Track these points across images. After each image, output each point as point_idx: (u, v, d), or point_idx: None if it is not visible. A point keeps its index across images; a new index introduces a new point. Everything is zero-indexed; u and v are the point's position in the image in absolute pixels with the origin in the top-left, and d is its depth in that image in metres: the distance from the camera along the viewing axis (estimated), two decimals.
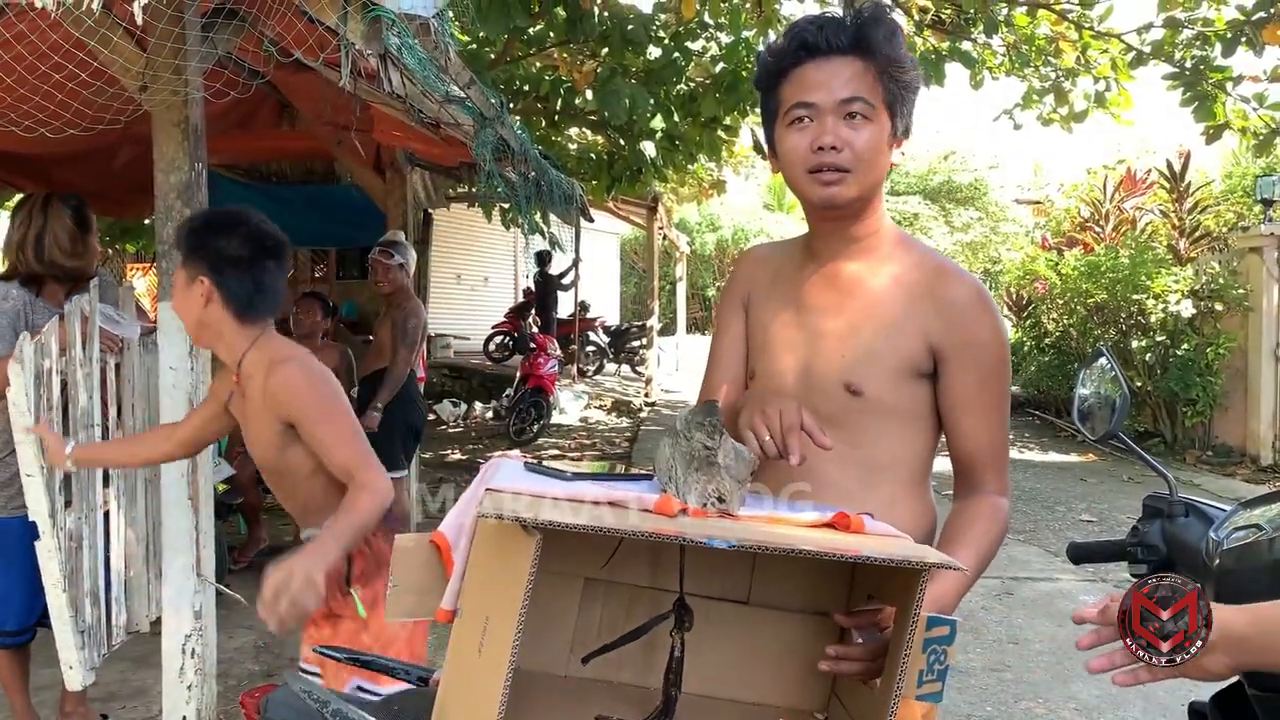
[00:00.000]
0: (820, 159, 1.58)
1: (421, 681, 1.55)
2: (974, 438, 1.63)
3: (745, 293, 1.82)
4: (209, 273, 2.12)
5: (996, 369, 1.64)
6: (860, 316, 1.65)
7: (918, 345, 1.62)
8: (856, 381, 1.62)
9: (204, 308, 2.13)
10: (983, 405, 1.63)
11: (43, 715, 3.25)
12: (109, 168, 4.80)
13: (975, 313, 1.62)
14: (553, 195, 5.34)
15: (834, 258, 1.69)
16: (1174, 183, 10.81)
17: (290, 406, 2.09)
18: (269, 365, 2.12)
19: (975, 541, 1.56)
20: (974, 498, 1.63)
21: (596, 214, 11.17)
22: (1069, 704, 3.96)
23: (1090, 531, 6.85)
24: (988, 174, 26.41)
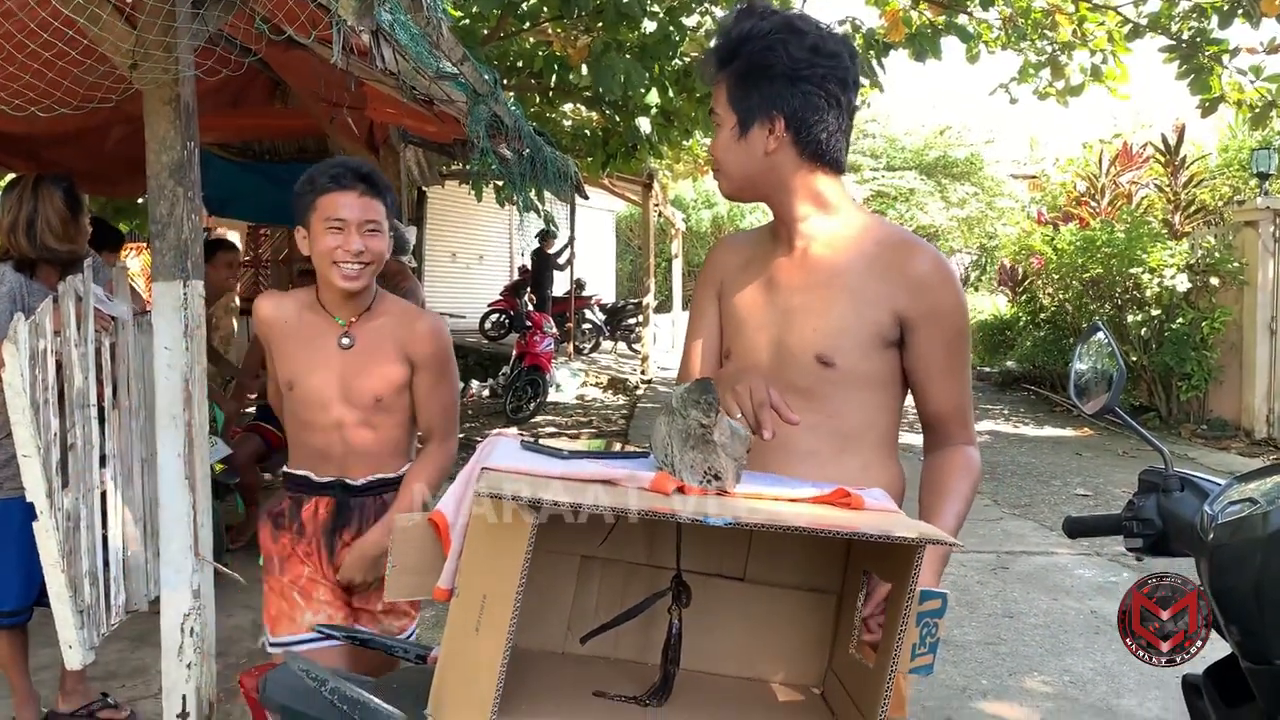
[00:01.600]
0: (712, 166, 1.85)
1: (420, 659, 1.56)
2: (943, 399, 1.75)
3: (719, 280, 1.93)
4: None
5: (960, 333, 1.75)
6: (829, 291, 1.74)
7: (885, 316, 1.71)
8: (828, 353, 1.71)
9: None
10: (950, 368, 1.74)
11: (43, 694, 3.26)
12: (101, 147, 4.77)
13: (938, 283, 1.72)
14: (547, 172, 5.32)
15: (795, 237, 1.80)
16: (1169, 156, 10.79)
17: (428, 354, 2.30)
18: (413, 311, 2.38)
19: (958, 492, 1.69)
20: (946, 451, 1.76)
21: (591, 191, 11.14)
22: (1063, 677, 3.99)
23: (1085, 505, 6.87)
24: (983, 149, 26.30)
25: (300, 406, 2.30)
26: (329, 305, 2.31)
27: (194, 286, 3.03)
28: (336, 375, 2.28)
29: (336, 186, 2.22)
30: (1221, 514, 1.41)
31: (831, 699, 1.38)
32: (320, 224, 2.23)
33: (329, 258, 2.22)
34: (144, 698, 3.41)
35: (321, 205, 2.23)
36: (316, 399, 2.28)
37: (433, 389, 2.34)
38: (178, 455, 3.00)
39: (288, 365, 2.31)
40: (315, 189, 2.24)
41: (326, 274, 2.24)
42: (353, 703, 1.26)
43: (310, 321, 2.32)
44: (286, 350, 2.31)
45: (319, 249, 2.23)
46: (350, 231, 2.21)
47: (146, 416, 3.38)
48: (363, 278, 2.24)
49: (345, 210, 2.21)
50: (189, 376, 3.01)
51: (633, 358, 15.72)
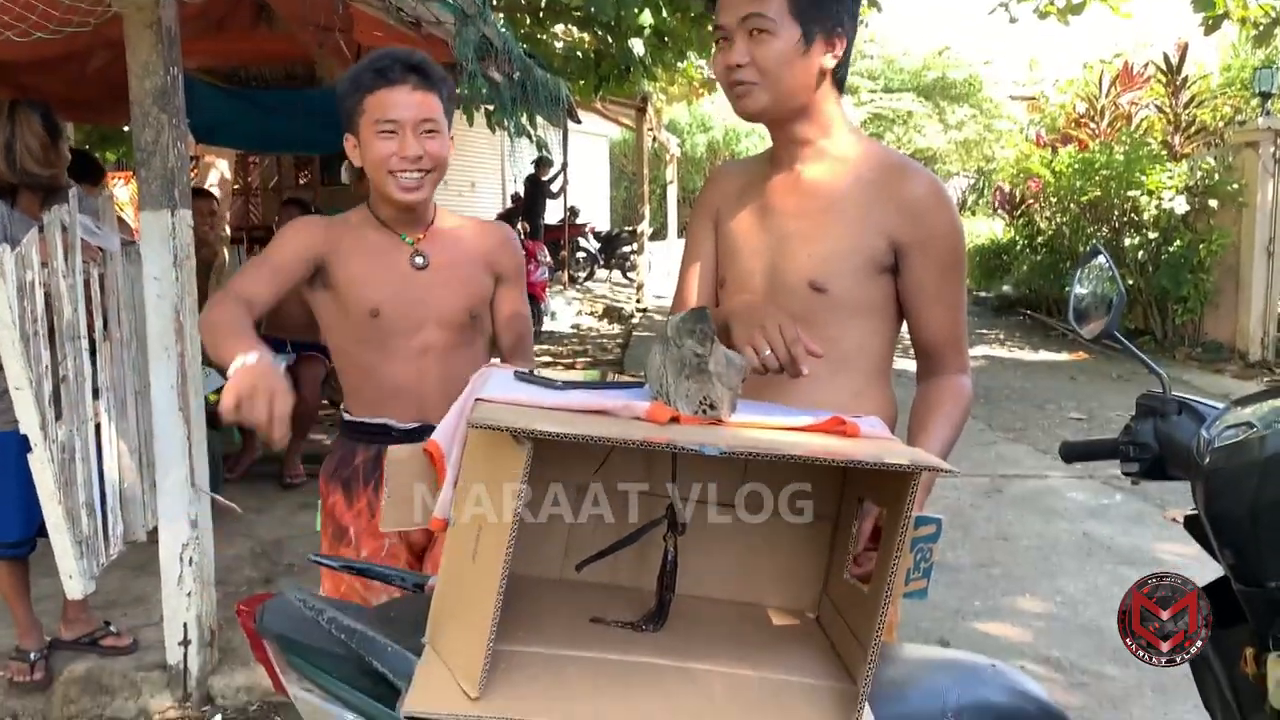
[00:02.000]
0: (731, 75, 1.69)
1: (417, 588, 1.56)
2: (937, 325, 1.74)
3: (714, 208, 1.90)
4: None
5: (955, 259, 1.73)
6: (824, 217, 1.72)
7: (879, 241, 1.69)
8: (821, 279, 1.70)
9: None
10: (943, 294, 1.73)
11: (46, 624, 3.30)
12: (82, 73, 4.66)
13: (934, 208, 1.70)
14: (539, 96, 5.22)
15: (793, 162, 1.77)
16: (1170, 76, 10.63)
17: (512, 265, 2.15)
18: (483, 222, 2.23)
19: (948, 417, 1.70)
20: (939, 378, 1.75)
21: (584, 116, 10.97)
22: (1056, 598, 4.05)
23: (1079, 429, 6.91)
24: (982, 70, 25.95)
25: (386, 334, 2.00)
26: (390, 222, 2.05)
27: (182, 215, 3.00)
28: (424, 294, 2.02)
29: (384, 83, 1.94)
30: (1218, 438, 1.40)
31: (826, 624, 1.39)
32: (370, 129, 1.95)
33: (383, 167, 1.95)
34: (146, 625, 3.44)
35: (370, 106, 1.95)
36: (405, 323, 2.00)
37: (517, 301, 2.18)
38: (171, 386, 3.00)
39: (366, 288, 2.00)
40: (360, 87, 1.96)
41: (382, 187, 1.98)
42: (350, 631, 1.27)
43: (377, 239, 2.04)
44: (357, 272, 2.00)
45: (371, 158, 1.97)
46: (405, 134, 1.93)
47: (138, 348, 3.36)
48: (424, 188, 1.98)
49: (397, 110, 1.94)
50: (180, 307, 2.99)
51: (628, 286, 15.67)
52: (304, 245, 2.00)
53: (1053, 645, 3.61)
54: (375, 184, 1.99)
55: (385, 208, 2.03)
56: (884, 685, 1.22)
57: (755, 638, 1.35)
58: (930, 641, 3.45)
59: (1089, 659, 3.49)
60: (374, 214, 2.06)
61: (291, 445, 5.40)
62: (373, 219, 2.05)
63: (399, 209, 2.01)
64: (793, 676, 1.23)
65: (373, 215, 2.06)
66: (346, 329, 2.03)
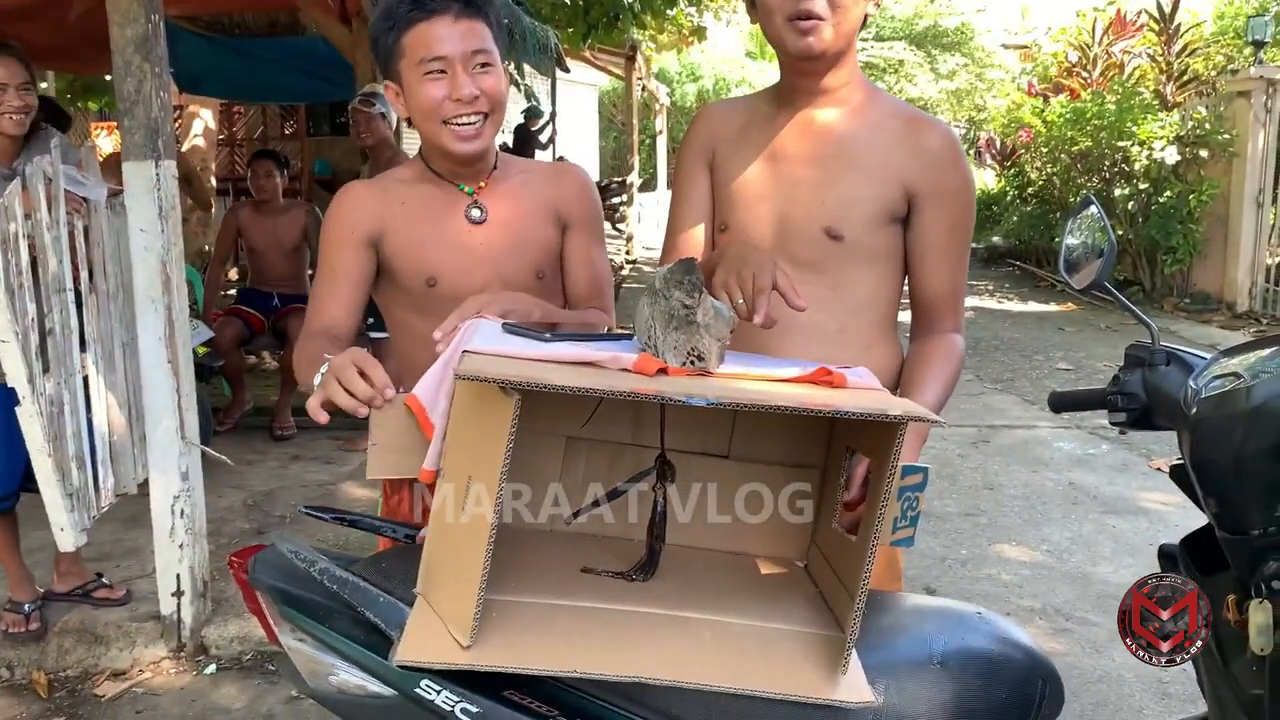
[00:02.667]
0: (798, 6, 1.60)
1: (409, 539, 1.57)
2: (939, 280, 1.73)
3: (709, 149, 1.82)
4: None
5: (964, 215, 1.72)
6: (839, 163, 1.68)
7: (894, 190, 1.68)
8: (837, 226, 1.67)
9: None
10: (950, 249, 1.72)
11: (39, 575, 3.31)
12: (63, 21, 4.60)
13: (948, 160, 1.69)
14: (527, 44, 5.17)
15: (808, 107, 1.72)
16: (1163, 24, 10.54)
17: (585, 211, 1.87)
18: (551, 165, 1.98)
19: (940, 375, 1.68)
20: (932, 336, 1.74)
21: (573, 65, 10.85)
22: (1041, 546, 4.09)
23: (1067, 380, 6.95)
24: (974, 18, 25.69)
25: (446, 303, 1.65)
26: (447, 174, 1.79)
27: (166, 166, 2.97)
28: (483, 254, 1.77)
29: (423, 14, 1.66)
30: (1205, 388, 1.41)
31: (815, 572, 1.41)
32: (414, 71, 1.68)
33: (435, 115, 1.68)
34: (139, 577, 3.46)
35: (410, 45, 1.67)
36: (466, 289, 1.72)
37: (593, 252, 1.88)
38: (159, 339, 2.99)
39: (423, 256, 1.75)
40: (396, 24, 1.69)
41: (436, 138, 1.71)
42: (342, 582, 1.27)
43: (431, 195, 1.79)
44: (415, 238, 1.76)
45: (419, 104, 1.69)
46: (457, 72, 1.66)
47: (125, 300, 3.34)
48: (485, 134, 1.71)
49: (443, 44, 1.66)
50: (166, 258, 2.97)
51: (617, 237, 15.59)
52: (356, 234, 1.75)
53: (1038, 593, 3.65)
54: (427, 136, 1.74)
55: (441, 159, 1.78)
56: (871, 633, 1.23)
57: (744, 587, 1.36)
58: (916, 589, 3.49)
59: (1073, 606, 3.54)
60: (428, 165, 1.81)
61: (281, 397, 5.40)
62: (428, 172, 1.80)
63: (455, 160, 1.75)
64: (781, 624, 1.25)
65: (427, 167, 1.81)
66: (400, 299, 1.80)
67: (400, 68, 1.70)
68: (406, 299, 1.79)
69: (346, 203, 1.78)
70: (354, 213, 1.76)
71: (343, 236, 1.76)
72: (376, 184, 1.83)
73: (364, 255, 1.76)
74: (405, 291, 1.78)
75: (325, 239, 1.79)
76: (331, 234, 1.77)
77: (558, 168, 1.94)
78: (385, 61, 1.74)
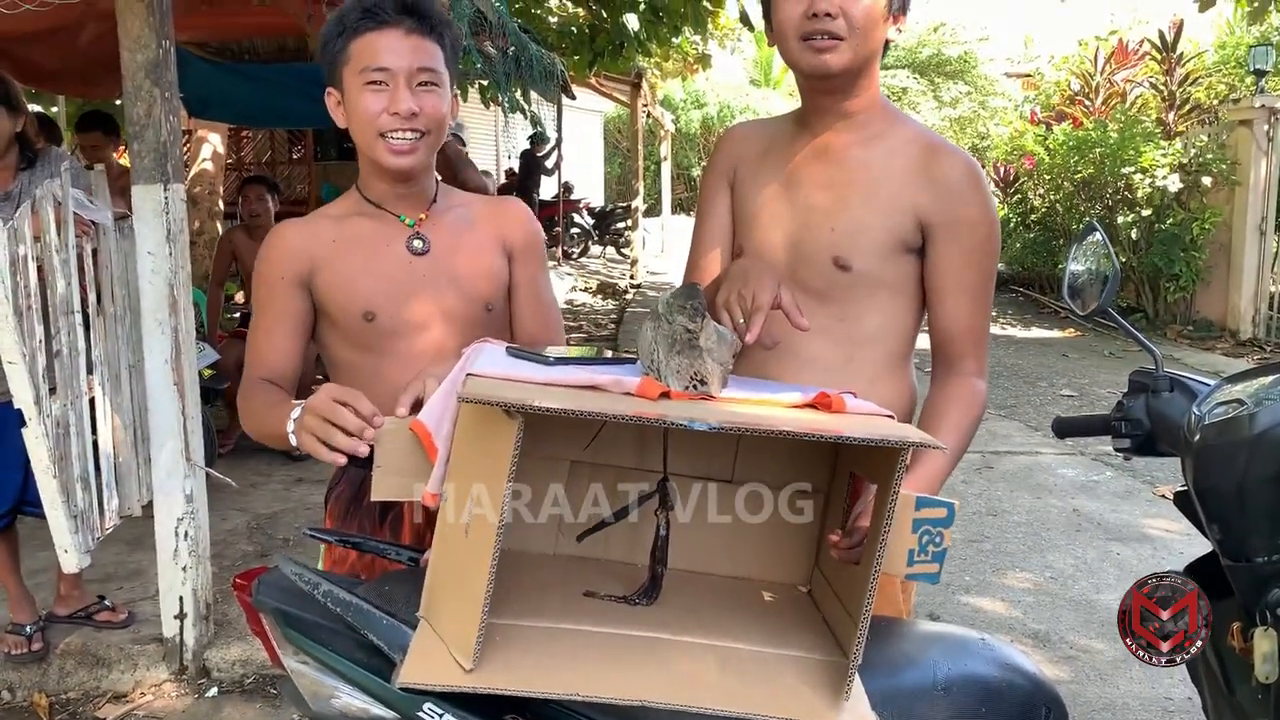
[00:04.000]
0: (814, 25, 1.56)
1: (412, 563, 1.57)
2: (955, 317, 1.64)
3: (731, 170, 1.79)
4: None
5: (983, 248, 1.64)
6: (851, 190, 1.64)
7: (907, 220, 1.62)
8: (844, 256, 1.63)
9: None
10: (966, 285, 1.63)
11: (42, 597, 3.31)
12: (74, 46, 4.64)
13: (966, 190, 1.62)
14: (533, 71, 5.20)
15: (825, 131, 1.68)
16: (1165, 54, 10.60)
17: (530, 241, 1.82)
18: (494, 197, 1.93)
19: (953, 426, 1.59)
20: (951, 380, 1.65)
21: (579, 92, 10.93)
22: (1045, 572, 4.08)
23: (1070, 406, 6.94)
24: (977, 46, 25.84)
25: (386, 338, 1.66)
26: (384, 201, 1.71)
27: (175, 190, 2.99)
28: (424, 286, 1.70)
29: (373, 24, 1.61)
30: (1208, 415, 1.41)
31: (818, 598, 1.40)
32: (355, 79, 1.62)
33: (371, 126, 1.62)
34: (142, 599, 3.46)
35: (356, 52, 1.62)
36: (407, 323, 1.68)
37: (540, 282, 1.83)
38: (165, 361, 3.00)
39: (355, 290, 1.67)
40: (345, 29, 1.63)
41: (370, 150, 1.64)
42: (345, 604, 1.27)
43: (367, 228, 1.70)
44: (348, 271, 1.67)
45: (357, 114, 1.63)
46: (399, 85, 1.60)
47: (132, 322, 3.35)
48: (419, 152, 1.64)
49: (388, 56, 1.60)
50: (173, 281, 2.99)
51: (622, 262, 15.64)
52: (287, 275, 1.68)
53: (1042, 619, 3.64)
54: (362, 148, 1.67)
55: (377, 183, 1.71)
56: (874, 658, 1.23)
57: (747, 611, 1.36)
58: (920, 616, 3.48)
59: (1077, 633, 3.52)
60: (364, 195, 1.73)
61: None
62: (363, 202, 1.73)
63: (393, 181, 1.69)
64: (784, 650, 1.24)
65: (363, 197, 1.73)
66: (338, 337, 1.72)
67: (343, 74, 1.65)
68: (344, 336, 1.71)
69: (275, 245, 1.72)
70: (283, 254, 1.70)
71: (273, 279, 1.69)
72: (306, 222, 1.76)
73: (297, 296, 1.68)
74: (342, 328, 1.70)
75: (257, 284, 1.73)
76: (262, 278, 1.71)
77: (498, 199, 1.90)
78: (331, 66, 1.67)
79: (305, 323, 1.71)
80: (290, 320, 1.69)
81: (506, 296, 1.80)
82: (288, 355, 1.69)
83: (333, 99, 1.69)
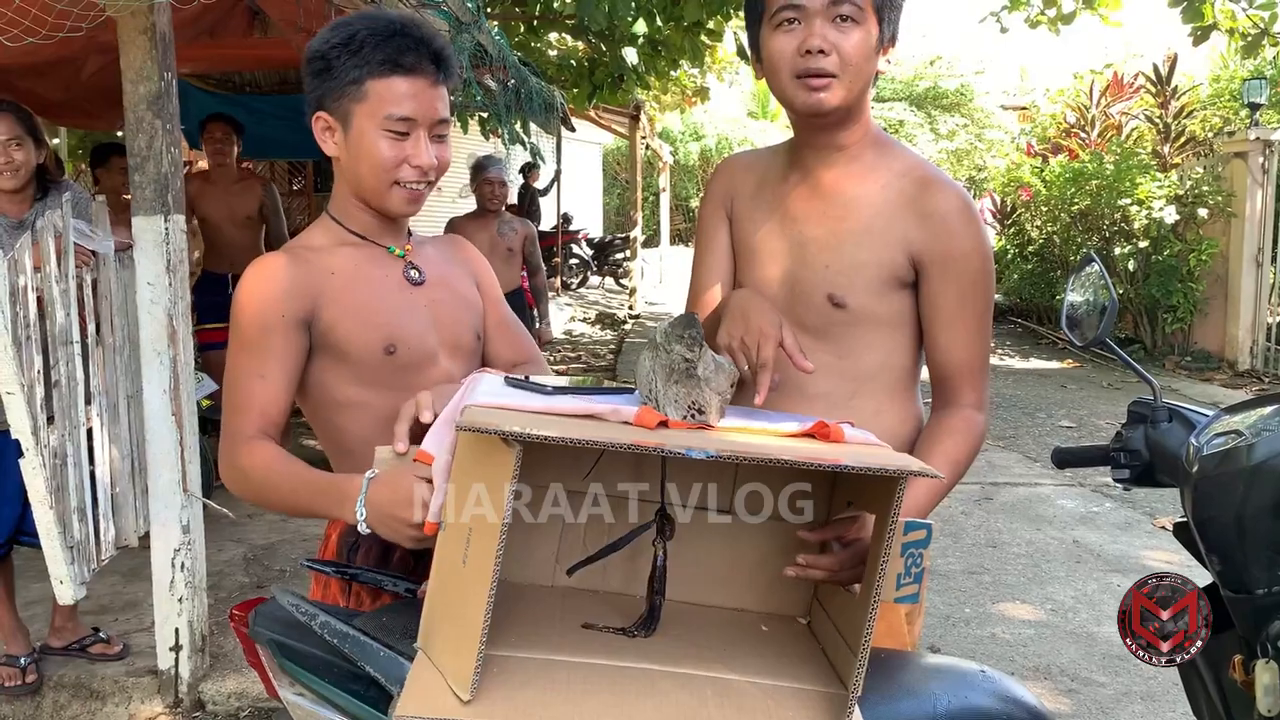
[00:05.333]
0: (807, 63, 1.56)
1: (409, 594, 1.56)
2: (952, 351, 1.64)
3: (728, 201, 1.79)
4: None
5: (978, 282, 1.63)
6: (843, 226, 1.64)
7: (899, 256, 1.62)
8: (839, 293, 1.63)
9: None
10: (961, 319, 1.63)
11: (37, 629, 3.29)
12: (76, 78, 4.68)
13: (958, 224, 1.61)
14: (533, 104, 5.25)
15: (818, 165, 1.68)
16: (1160, 87, 10.69)
17: (491, 278, 1.85)
18: (444, 237, 1.88)
19: (946, 455, 1.58)
20: (949, 411, 1.65)
21: (578, 124, 11.00)
22: (1045, 604, 4.06)
23: (1069, 437, 6.93)
24: (974, 79, 26.05)
25: (404, 373, 1.59)
26: (368, 232, 1.66)
27: (175, 221, 3.01)
28: (431, 316, 1.66)
29: (400, 69, 1.53)
30: (1207, 445, 1.41)
31: (817, 628, 1.40)
32: (372, 121, 1.54)
33: (389, 174, 1.56)
34: (137, 631, 3.43)
35: (377, 94, 1.53)
36: (421, 354, 1.63)
37: (507, 313, 1.84)
38: (163, 391, 3.00)
39: (374, 324, 1.60)
40: (367, 64, 1.53)
41: (378, 195, 1.59)
42: (343, 636, 1.27)
43: (362, 259, 1.64)
44: (358, 305, 1.60)
45: (371, 158, 1.56)
46: (420, 138, 1.56)
47: (131, 353, 3.36)
48: (425, 198, 1.63)
49: (413, 106, 1.54)
50: (173, 311, 2.99)
51: (620, 292, 15.68)
52: (289, 314, 1.55)
53: (1042, 652, 3.62)
54: (368, 189, 1.60)
55: (365, 216, 1.65)
56: (874, 690, 1.23)
57: (746, 643, 1.35)
58: (920, 648, 3.46)
59: (1078, 665, 3.50)
60: (344, 226, 1.66)
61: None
62: (346, 233, 1.65)
63: (383, 218, 1.65)
64: (783, 681, 1.24)
65: (341, 227, 1.66)
66: (348, 375, 1.60)
67: (353, 109, 1.55)
68: (356, 374, 1.60)
69: (267, 280, 1.56)
70: (281, 289, 1.55)
71: (270, 318, 1.53)
72: (291, 255, 1.61)
73: (297, 338, 1.56)
74: (356, 365, 1.59)
75: (246, 323, 1.55)
76: (255, 317, 1.54)
77: (449, 237, 1.89)
78: (329, 93, 1.57)
79: (300, 366, 1.58)
80: (290, 363, 1.56)
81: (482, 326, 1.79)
82: (286, 404, 1.56)
83: (322, 124, 1.60)
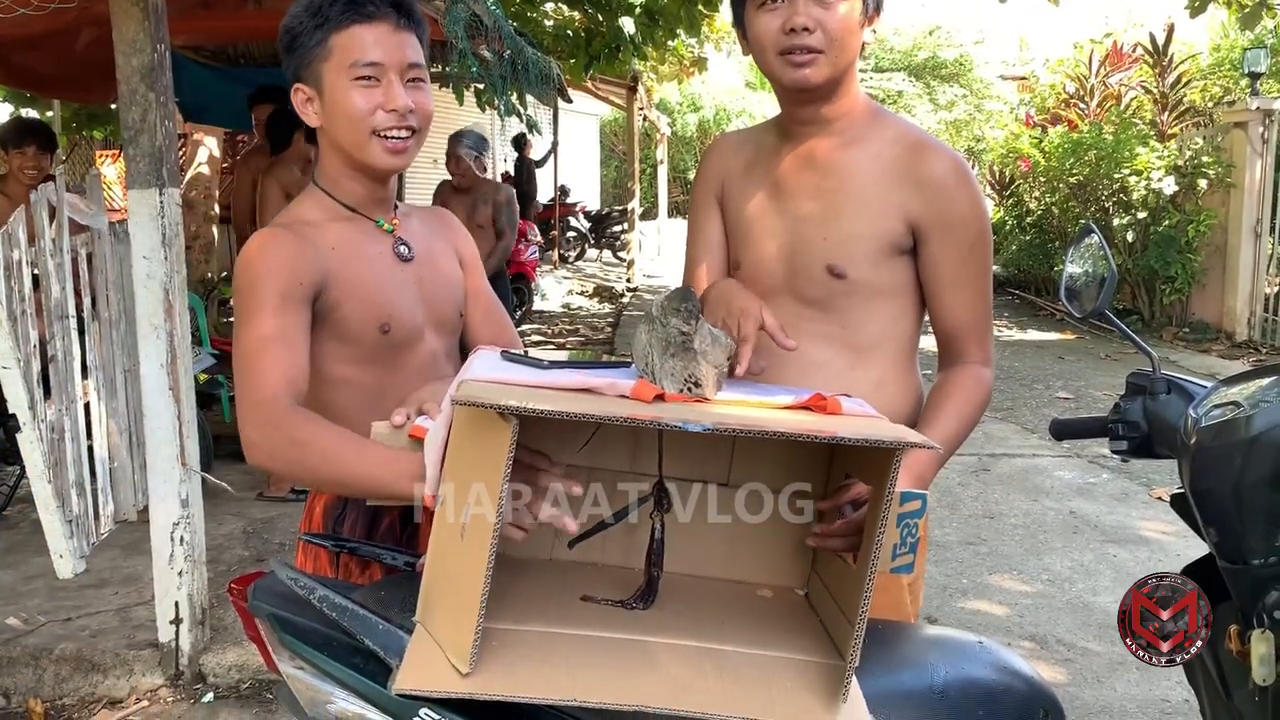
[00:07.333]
0: (791, 40, 1.56)
1: (409, 567, 1.57)
2: (958, 313, 1.67)
3: (719, 183, 1.80)
4: None
5: (977, 242, 1.65)
6: (839, 197, 1.65)
7: (897, 223, 1.63)
8: (839, 264, 1.63)
9: None
10: (965, 280, 1.65)
11: (37, 603, 3.30)
12: (70, 51, 4.64)
13: (954, 187, 1.62)
14: (529, 75, 5.20)
15: (809, 139, 1.68)
16: (1157, 57, 10.63)
17: (473, 252, 1.82)
18: (428, 210, 1.84)
19: (957, 410, 1.62)
20: (956, 368, 1.68)
21: (575, 95, 10.92)
22: (1042, 575, 4.08)
23: (1066, 408, 6.94)
24: (973, 50, 25.91)
25: (395, 351, 1.59)
26: (358, 204, 1.62)
27: (170, 194, 2.99)
28: (420, 294, 1.65)
29: (359, 17, 1.52)
30: (1205, 417, 1.41)
31: (815, 600, 1.40)
32: (341, 75, 1.52)
33: (364, 125, 1.53)
34: (137, 604, 3.45)
35: (341, 46, 1.52)
36: (411, 331, 1.62)
37: (488, 290, 1.82)
38: (160, 365, 3.00)
39: (372, 301, 1.58)
40: (327, 21, 1.52)
41: (360, 150, 1.55)
42: (341, 609, 1.27)
43: (355, 234, 1.61)
44: (358, 281, 1.57)
45: (347, 113, 1.53)
46: (392, 82, 1.52)
47: (127, 327, 3.35)
48: (410, 151, 1.57)
49: (380, 51, 1.52)
50: (169, 285, 2.98)
51: (618, 265, 15.65)
52: (304, 285, 1.51)
53: (1039, 622, 3.64)
54: (349, 147, 1.56)
55: (354, 184, 1.61)
56: (872, 662, 1.23)
57: (744, 615, 1.36)
58: (918, 618, 3.48)
59: (1074, 635, 3.52)
60: (333, 197, 1.62)
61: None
62: (339, 207, 1.62)
63: (374, 181, 1.61)
64: (781, 653, 1.24)
65: (331, 199, 1.62)
66: (344, 353, 1.59)
67: (322, 70, 1.54)
68: (351, 351, 1.59)
69: (279, 252, 1.52)
70: (294, 262, 1.51)
71: (288, 288, 1.49)
72: (293, 230, 1.57)
73: (308, 310, 1.53)
74: (353, 343, 1.58)
75: (261, 295, 1.49)
76: (270, 289, 1.49)
77: (434, 209, 1.85)
78: (301, 61, 1.56)
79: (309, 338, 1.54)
80: (307, 335, 1.51)
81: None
82: (309, 375, 1.49)
83: (302, 96, 1.58)
